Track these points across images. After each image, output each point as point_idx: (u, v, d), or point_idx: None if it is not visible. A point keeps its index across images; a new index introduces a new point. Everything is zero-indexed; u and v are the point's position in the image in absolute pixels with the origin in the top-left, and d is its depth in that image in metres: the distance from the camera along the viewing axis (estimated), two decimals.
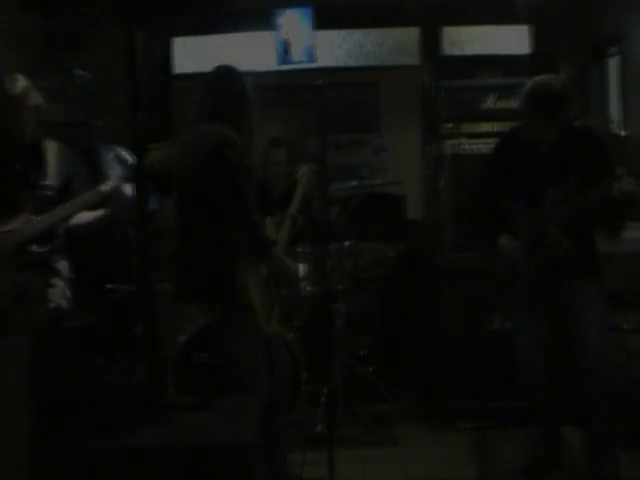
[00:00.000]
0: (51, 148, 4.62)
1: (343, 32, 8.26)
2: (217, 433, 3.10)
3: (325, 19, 8.01)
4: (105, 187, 4.51)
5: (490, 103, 5.87)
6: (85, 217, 4.59)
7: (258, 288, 4.34)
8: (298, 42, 7.95)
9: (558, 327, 4.70)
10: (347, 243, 6.09)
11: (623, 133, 7.02)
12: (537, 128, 4.61)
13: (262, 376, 4.36)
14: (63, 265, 4.61)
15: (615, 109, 7.47)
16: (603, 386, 4.51)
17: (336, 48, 8.27)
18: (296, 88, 7.94)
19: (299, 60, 7.99)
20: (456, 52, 8.29)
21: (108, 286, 5.78)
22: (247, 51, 7.89)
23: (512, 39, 8.21)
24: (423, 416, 5.94)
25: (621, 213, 4.50)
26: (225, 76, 4.47)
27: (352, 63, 8.30)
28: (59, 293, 4.51)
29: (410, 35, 8.26)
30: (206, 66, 4.62)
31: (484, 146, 5.72)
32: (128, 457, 2.94)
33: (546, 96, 4.62)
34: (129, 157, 5.22)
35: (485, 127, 5.89)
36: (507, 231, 4.73)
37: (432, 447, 5.46)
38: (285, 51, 7.96)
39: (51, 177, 4.53)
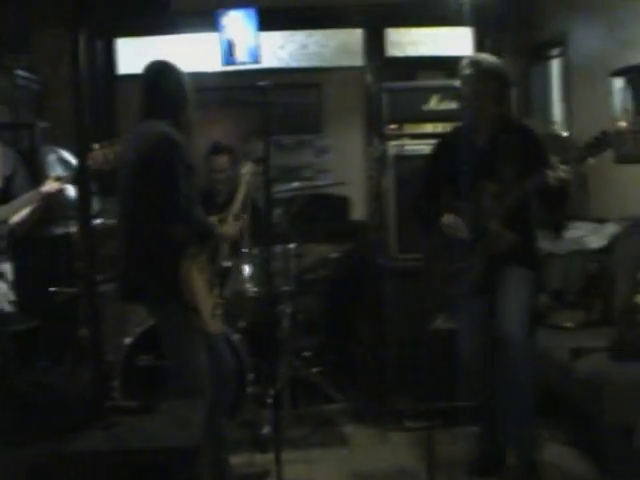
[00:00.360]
0: None
1: (286, 33, 8.27)
2: (162, 436, 3.09)
3: (268, 20, 8.01)
4: (46, 188, 4.47)
5: (433, 104, 5.89)
6: (20, 215, 4.54)
7: (202, 287, 4.33)
8: (242, 43, 7.94)
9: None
10: (292, 245, 6.09)
11: (565, 134, 7.10)
12: (481, 105, 4.69)
13: (206, 377, 4.35)
14: (6, 267, 4.57)
15: (557, 110, 7.56)
16: (521, 377, 4.54)
17: (279, 49, 8.28)
18: (240, 89, 7.94)
19: (243, 61, 7.98)
20: (399, 54, 8.34)
21: (52, 289, 5.72)
22: (191, 52, 7.87)
23: (454, 41, 8.27)
24: (370, 416, 5.95)
25: (558, 202, 4.56)
26: (159, 72, 4.43)
27: (295, 64, 8.32)
28: (2, 296, 4.47)
29: (353, 36, 8.30)
30: None
31: (427, 147, 5.73)
32: (73, 461, 2.92)
33: (495, 70, 4.72)
34: (71, 158, 5.19)
35: (428, 128, 5.92)
36: None
37: (379, 447, 5.47)
38: (229, 52, 7.94)
39: None
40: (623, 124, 6.03)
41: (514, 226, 4.52)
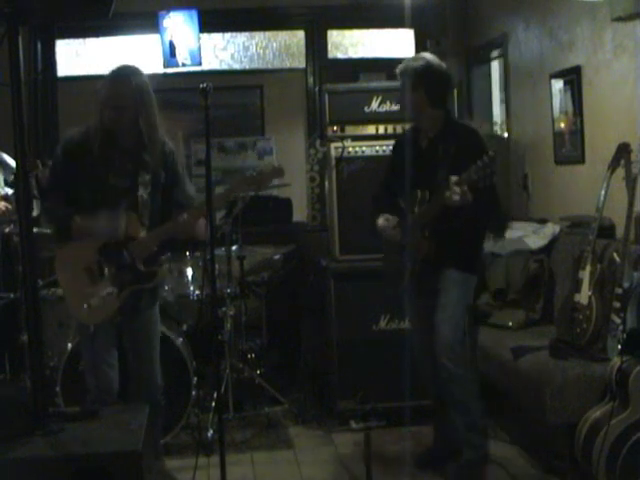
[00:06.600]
0: None
1: (228, 35, 8.27)
2: (105, 441, 3.07)
3: (210, 22, 8.00)
4: None
5: (374, 106, 5.90)
6: None
7: (71, 274, 4.25)
8: (184, 45, 7.92)
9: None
10: (234, 247, 6.07)
11: (506, 135, 7.17)
12: (417, 106, 4.67)
13: (94, 370, 4.30)
14: None
15: (498, 111, 7.63)
16: (454, 380, 4.61)
17: (221, 51, 8.27)
18: (181, 91, 7.91)
19: (185, 63, 7.96)
20: (341, 55, 8.37)
21: None
22: (133, 54, 7.83)
23: (396, 42, 8.32)
24: (314, 418, 5.95)
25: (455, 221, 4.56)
26: None
27: (237, 66, 8.32)
28: None
29: (295, 38, 8.32)
30: (91, 69, 4.57)
31: (368, 149, 5.78)
32: (15, 468, 2.89)
33: (430, 69, 4.69)
34: (12, 161, 5.13)
35: (369, 130, 5.93)
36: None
37: (324, 448, 5.47)
38: (171, 54, 7.91)
39: None
40: (562, 125, 6.10)
41: (445, 231, 4.50)
